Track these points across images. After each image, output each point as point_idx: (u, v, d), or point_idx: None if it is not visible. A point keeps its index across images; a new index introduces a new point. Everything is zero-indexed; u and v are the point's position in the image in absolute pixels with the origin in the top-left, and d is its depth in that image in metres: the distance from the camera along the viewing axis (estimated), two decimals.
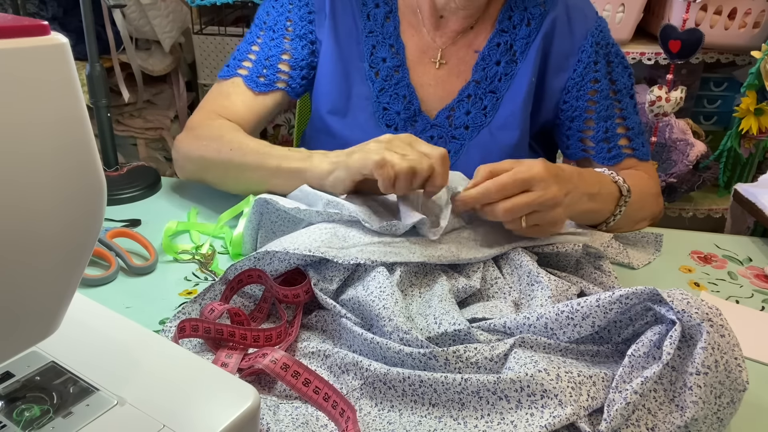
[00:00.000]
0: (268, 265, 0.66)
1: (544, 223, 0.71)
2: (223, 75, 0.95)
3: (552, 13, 0.91)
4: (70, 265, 0.37)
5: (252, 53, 0.95)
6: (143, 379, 0.44)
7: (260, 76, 0.93)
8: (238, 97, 0.93)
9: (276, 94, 0.94)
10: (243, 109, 0.92)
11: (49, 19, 1.66)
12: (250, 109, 0.93)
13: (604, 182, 0.81)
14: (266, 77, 0.93)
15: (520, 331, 0.59)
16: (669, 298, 0.53)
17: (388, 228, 0.68)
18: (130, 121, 1.91)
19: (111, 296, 0.70)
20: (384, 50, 0.93)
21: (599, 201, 0.79)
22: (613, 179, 0.82)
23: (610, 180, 0.82)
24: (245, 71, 0.94)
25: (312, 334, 0.64)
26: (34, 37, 0.31)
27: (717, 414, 0.50)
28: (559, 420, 0.49)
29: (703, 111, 1.87)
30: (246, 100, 0.93)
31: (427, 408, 0.53)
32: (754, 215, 0.94)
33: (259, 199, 0.74)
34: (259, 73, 0.93)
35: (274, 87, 0.94)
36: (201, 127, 0.90)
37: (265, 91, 0.93)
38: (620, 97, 0.93)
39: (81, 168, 0.35)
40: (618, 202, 0.82)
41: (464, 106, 0.93)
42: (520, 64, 0.92)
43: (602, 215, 0.82)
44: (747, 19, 1.60)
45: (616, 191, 0.81)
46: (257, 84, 0.93)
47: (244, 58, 0.95)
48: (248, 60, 0.95)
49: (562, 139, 0.98)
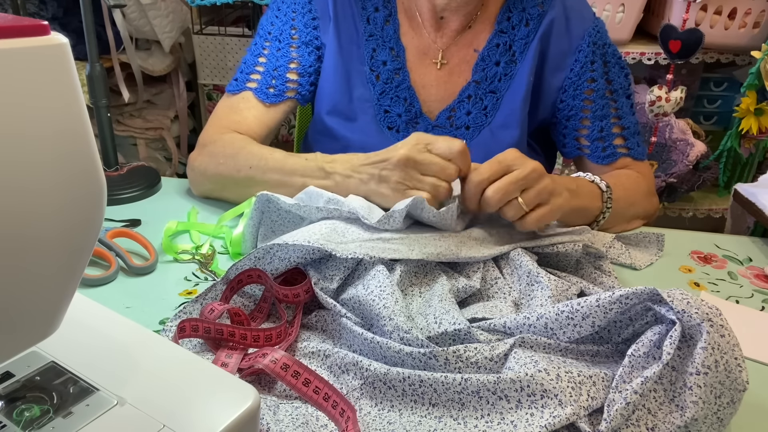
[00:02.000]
0: (269, 264, 0.66)
1: (542, 198, 0.71)
2: (231, 89, 0.95)
3: (550, 13, 0.92)
4: (70, 265, 0.37)
5: (259, 65, 0.95)
6: (143, 379, 0.44)
7: (270, 87, 0.93)
8: (249, 111, 0.93)
9: (286, 103, 0.95)
10: (254, 122, 0.93)
11: (49, 19, 1.66)
12: (261, 122, 0.93)
13: (580, 182, 0.82)
14: (276, 88, 0.93)
15: (520, 331, 0.59)
16: (669, 298, 0.53)
17: (386, 220, 0.68)
18: (130, 121, 1.91)
19: (111, 296, 0.70)
20: (384, 53, 0.94)
21: (581, 197, 0.80)
22: (588, 179, 0.83)
23: (585, 180, 0.83)
24: (254, 84, 0.94)
25: (312, 334, 0.64)
26: (34, 37, 0.31)
27: (717, 414, 0.50)
28: (559, 420, 0.49)
29: (703, 111, 1.87)
30: (257, 114, 0.93)
31: (427, 408, 0.53)
32: (754, 215, 0.94)
33: (260, 196, 0.75)
34: (269, 85, 0.93)
35: (284, 97, 0.94)
36: (214, 143, 0.90)
37: (276, 102, 0.93)
38: (616, 97, 0.95)
39: (81, 168, 0.35)
40: (602, 198, 0.83)
41: (465, 106, 0.94)
42: (519, 64, 0.93)
43: (590, 213, 0.83)
44: (747, 19, 1.60)
45: (596, 188, 0.83)
46: (267, 96, 0.93)
47: (252, 71, 0.95)
48: (256, 72, 0.95)
49: (559, 138, 0.99)
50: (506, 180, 0.69)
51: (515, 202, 0.70)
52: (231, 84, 0.96)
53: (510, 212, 0.71)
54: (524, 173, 0.70)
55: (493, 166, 0.70)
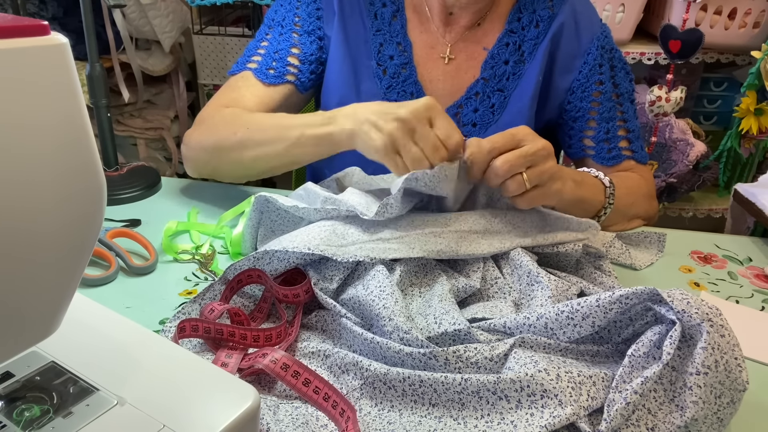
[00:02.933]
0: (268, 265, 0.66)
1: (542, 179, 0.71)
2: (232, 71, 0.96)
3: (560, 16, 0.94)
4: (70, 265, 0.37)
5: (261, 48, 0.96)
6: (143, 379, 0.44)
7: (270, 68, 0.93)
8: (248, 89, 0.93)
9: (285, 87, 0.94)
10: (253, 100, 0.92)
11: (49, 19, 1.66)
12: (260, 101, 0.92)
13: (584, 175, 0.84)
14: (276, 69, 0.93)
15: (520, 331, 0.59)
16: (669, 298, 0.53)
17: (383, 209, 0.68)
18: (130, 121, 1.91)
19: (111, 296, 0.70)
20: (391, 48, 0.94)
21: (585, 189, 0.81)
22: (593, 174, 0.85)
23: (589, 174, 0.84)
24: (255, 65, 0.94)
25: (312, 334, 0.64)
26: (34, 37, 0.31)
27: (717, 414, 0.50)
28: (559, 420, 0.49)
29: (703, 111, 1.87)
30: (256, 92, 0.93)
31: (427, 408, 0.53)
32: (754, 215, 0.94)
33: (259, 196, 0.75)
34: (269, 66, 0.93)
35: (283, 80, 0.94)
36: (211, 118, 0.90)
37: (275, 83, 0.93)
38: (622, 101, 0.96)
39: (81, 168, 0.35)
40: (605, 193, 0.84)
41: (472, 103, 0.94)
42: (528, 65, 0.94)
43: (593, 206, 0.83)
44: (747, 19, 1.60)
45: (599, 183, 0.84)
46: (267, 76, 0.93)
47: (254, 53, 0.96)
48: (257, 55, 0.95)
49: (564, 139, 1.00)
50: (516, 153, 0.69)
51: (519, 177, 0.70)
52: (232, 67, 0.96)
53: (512, 186, 0.70)
54: (534, 149, 0.70)
55: (506, 137, 0.71)
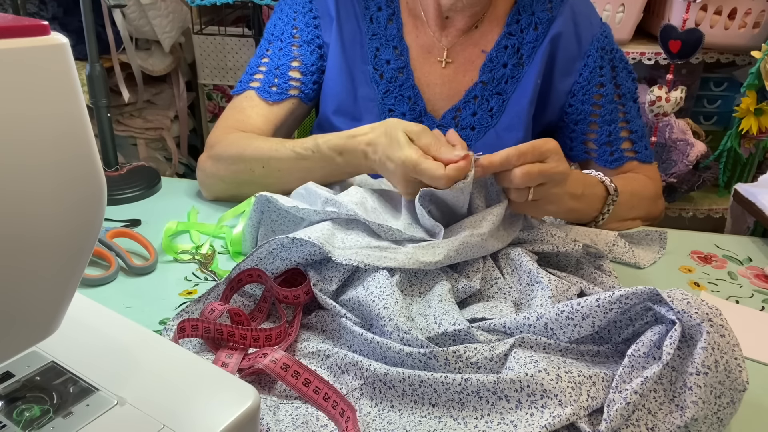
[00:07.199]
0: (271, 264, 0.66)
1: (546, 197, 0.71)
2: (236, 91, 0.96)
3: (559, 18, 0.93)
4: (70, 265, 0.37)
5: (262, 65, 0.96)
6: (143, 379, 0.44)
7: (272, 85, 0.94)
8: (253, 110, 0.93)
9: (290, 101, 0.95)
10: (259, 121, 0.93)
11: (49, 19, 1.66)
12: (266, 120, 0.93)
13: (589, 183, 0.83)
14: (278, 86, 0.94)
15: (520, 331, 0.59)
16: (669, 298, 0.53)
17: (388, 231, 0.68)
18: (130, 121, 1.91)
19: (111, 296, 0.70)
20: (388, 52, 0.94)
21: (583, 202, 0.81)
22: (599, 179, 0.84)
23: (596, 180, 0.84)
24: (257, 83, 0.94)
25: (312, 334, 0.64)
26: (34, 37, 0.31)
27: (717, 414, 0.50)
28: (559, 420, 0.49)
29: (703, 111, 1.87)
30: (261, 112, 0.93)
31: (427, 408, 0.53)
32: (754, 215, 0.94)
33: (259, 196, 0.75)
34: (271, 83, 0.94)
35: (287, 95, 0.94)
36: (219, 144, 0.90)
37: (279, 100, 0.93)
38: (624, 101, 0.95)
39: (81, 168, 0.35)
40: (605, 201, 0.84)
41: (470, 107, 0.94)
42: (527, 67, 0.93)
43: (587, 214, 0.84)
44: (747, 19, 1.60)
45: (603, 191, 0.84)
46: (270, 94, 0.93)
47: (255, 71, 0.96)
48: (259, 72, 0.95)
49: (566, 141, 0.99)
50: (539, 167, 0.69)
51: (526, 189, 0.70)
52: (236, 86, 0.97)
53: (515, 194, 0.71)
54: (555, 171, 0.70)
55: (535, 150, 0.70)
